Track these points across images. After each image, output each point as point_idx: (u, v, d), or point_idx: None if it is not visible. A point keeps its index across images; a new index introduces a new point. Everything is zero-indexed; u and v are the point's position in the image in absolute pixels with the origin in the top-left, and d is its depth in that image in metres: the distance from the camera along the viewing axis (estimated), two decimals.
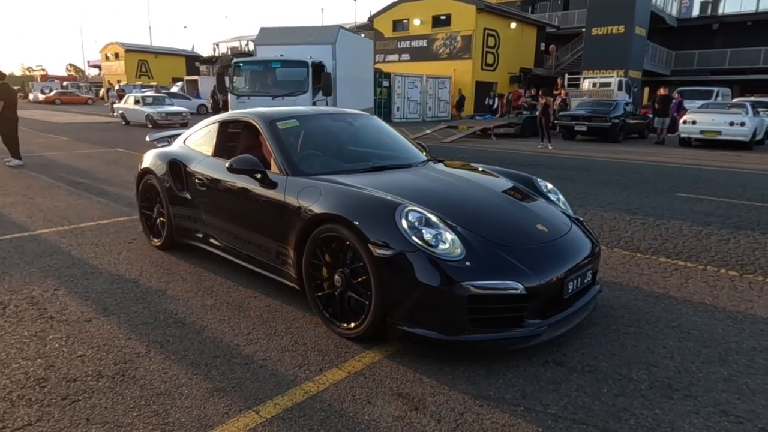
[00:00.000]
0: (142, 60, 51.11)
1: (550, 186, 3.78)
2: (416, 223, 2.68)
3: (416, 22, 32.05)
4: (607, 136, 16.25)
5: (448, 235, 2.67)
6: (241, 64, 12.83)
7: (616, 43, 27.85)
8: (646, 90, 32.51)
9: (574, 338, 3.01)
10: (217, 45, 58.84)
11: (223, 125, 4.23)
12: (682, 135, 15.01)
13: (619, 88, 23.52)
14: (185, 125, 18.27)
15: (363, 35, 21.34)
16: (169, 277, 3.94)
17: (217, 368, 2.63)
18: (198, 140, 4.43)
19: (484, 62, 31.37)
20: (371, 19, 34.81)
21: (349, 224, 2.78)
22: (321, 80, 12.19)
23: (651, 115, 17.84)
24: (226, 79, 12.45)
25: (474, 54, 30.36)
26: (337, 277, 2.93)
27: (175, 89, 33.85)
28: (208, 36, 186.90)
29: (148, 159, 4.69)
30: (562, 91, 21.91)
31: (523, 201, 3.36)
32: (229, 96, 12.65)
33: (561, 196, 3.71)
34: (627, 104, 17.97)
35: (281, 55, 12.78)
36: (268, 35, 13.80)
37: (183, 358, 2.72)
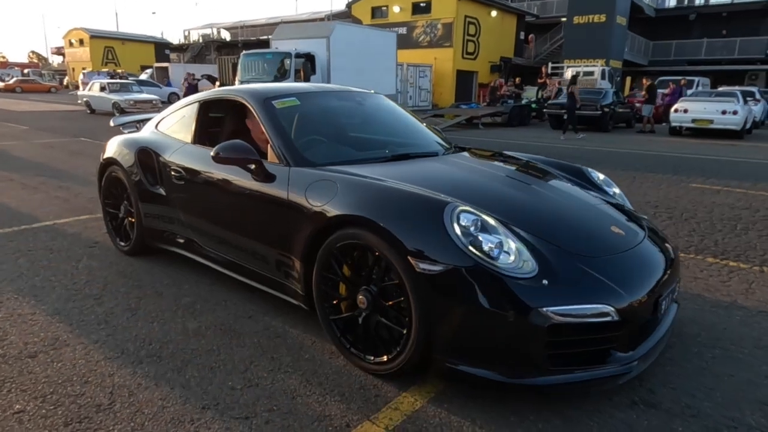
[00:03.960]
0: (109, 47, 48.85)
1: (602, 176, 3.18)
2: (471, 228, 2.03)
3: (396, 9, 31.18)
4: (597, 124, 15.85)
5: (513, 244, 2.04)
6: (245, 56, 16.23)
7: (597, 32, 27.56)
8: (628, 79, 32.44)
9: (655, 366, 2.41)
10: (188, 32, 56.87)
11: (205, 106, 3.50)
12: (673, 124, 14.70)
13: (602, 78, 23.25)
14: None
15: (348, 21, 21.71)
16: (141, 291, 3.22)
17: (208, 426, 1.95)
18: (173, 124, 3.69)
19: (464, 51, 30.77)
20: (349, 5, 33.80)
21: (380, 230, 2.12)
22: (302, 68, 14.49)
23: (639, 105, 17.49)
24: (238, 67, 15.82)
25: (455, 42, 29.71)
26: (361, 297, 2.27)
27: (144, 77, 32.33)
28: (177, 23, 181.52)
29: (112, 147, 3.93)
30: (547, 80, 21.54)
31: (584, 198, 2.74)
32: (236, 82, 15.35)
33: (616, 189, 3.11)
34: (616, 93, 17.63)
35: (276, 48, 15.78)
36: (281, 31, 17.13)
37: (161, 412, 2.03)
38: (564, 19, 30.55)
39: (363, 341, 2.32)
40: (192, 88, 24.05)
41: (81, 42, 48.98)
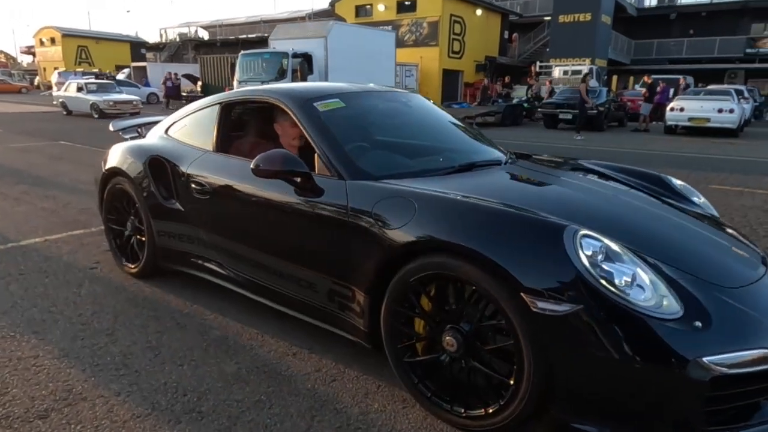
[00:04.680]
0: (82, 46, 47.30)
1: (680, 183, 2.85)
2: (598, 258, 1.67)
3: (380, 7, 30.78)
4: (592, 123, 15.70)
5: (645, 276, 1.68)
6: (243, 56, 16.41)
7: (582, 31, 27.58)
8: (615, 78, 32.62)
9: None
10: (165, 31, 55.53)
11: (227, 108, 3.05)
12: (670, 122, 14.63)
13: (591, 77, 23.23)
14: (136, 115, 16.48)
15: (333, 20, 21.25)
16: (159, 323, 2.78)
17: None
18: (189, 129, 3.25)
19: (450, 50, 30.56)
20: (332, 4, 33.27)
21: (481, 259, 1.73)
22: (299, 68, 14.85)
23: (630, 103, 17.46)
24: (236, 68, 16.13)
25: (441, 41, 29.48)
26: (448, 337, 1.89)
27: (121, 76, 31.35)
28: (153, 21, 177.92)
29: (116, 156, 3.46)
30: (533, 80, 21.45)
31: (689, 213, 2.40)
32: (234, 82, 15.46)
33: (702, 198, 2.79)
34: (609, 91, 17.55)
35: (274, 48, 16.18)
36: (279, 31, 17.50)
37: None
38: (547, 18, 30.58)
39: (449, 390, 1.94)
40: (174, 89, 23.37)
41: (53, 41, 47.35)
